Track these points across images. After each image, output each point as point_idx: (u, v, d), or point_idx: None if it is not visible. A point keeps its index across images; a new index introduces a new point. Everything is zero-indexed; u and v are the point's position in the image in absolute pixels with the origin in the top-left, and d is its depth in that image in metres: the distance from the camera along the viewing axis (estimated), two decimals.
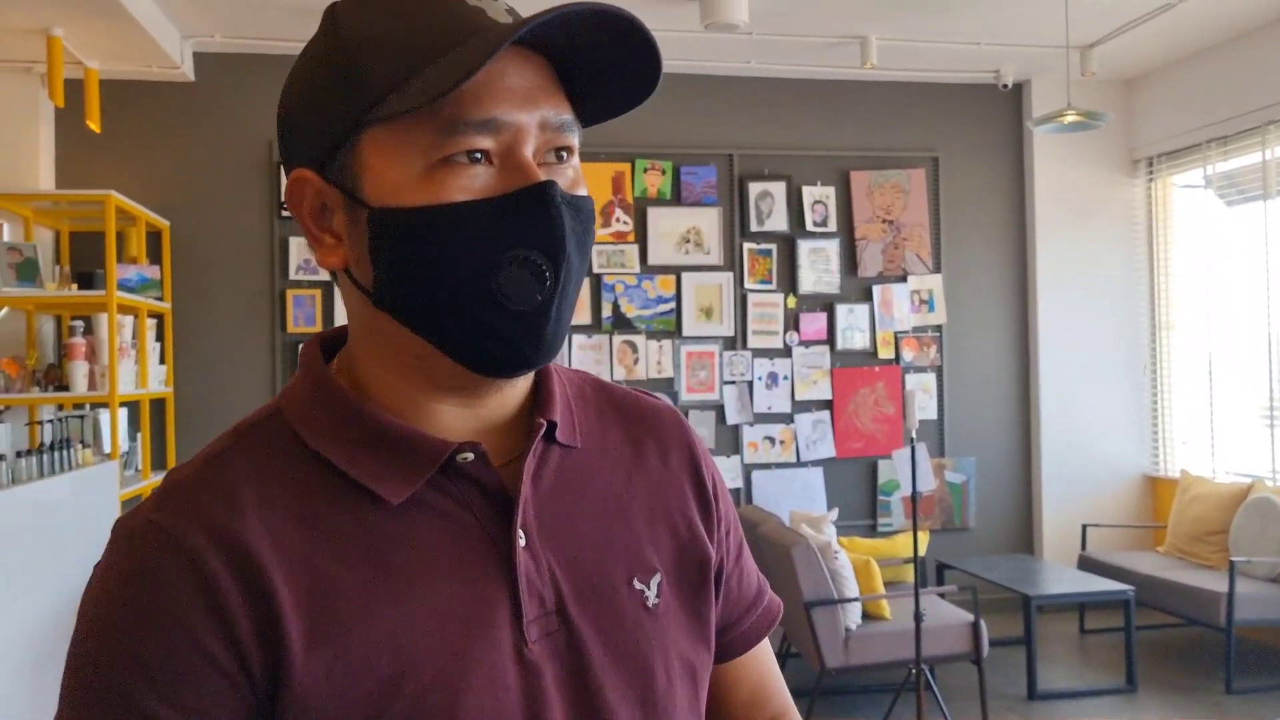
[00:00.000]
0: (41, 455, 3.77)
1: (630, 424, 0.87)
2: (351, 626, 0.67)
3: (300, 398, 0.75)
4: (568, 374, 0.86)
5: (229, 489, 0.69)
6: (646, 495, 0.83)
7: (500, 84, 0.68)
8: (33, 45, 4.53)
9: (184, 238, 5.20)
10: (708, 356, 5.68)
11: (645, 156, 5.64)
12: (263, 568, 0.66)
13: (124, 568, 0.66)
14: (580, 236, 0.71)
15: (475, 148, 0.67)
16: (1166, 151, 5.87)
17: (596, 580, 0.76)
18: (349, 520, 0.70)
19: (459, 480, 0.73)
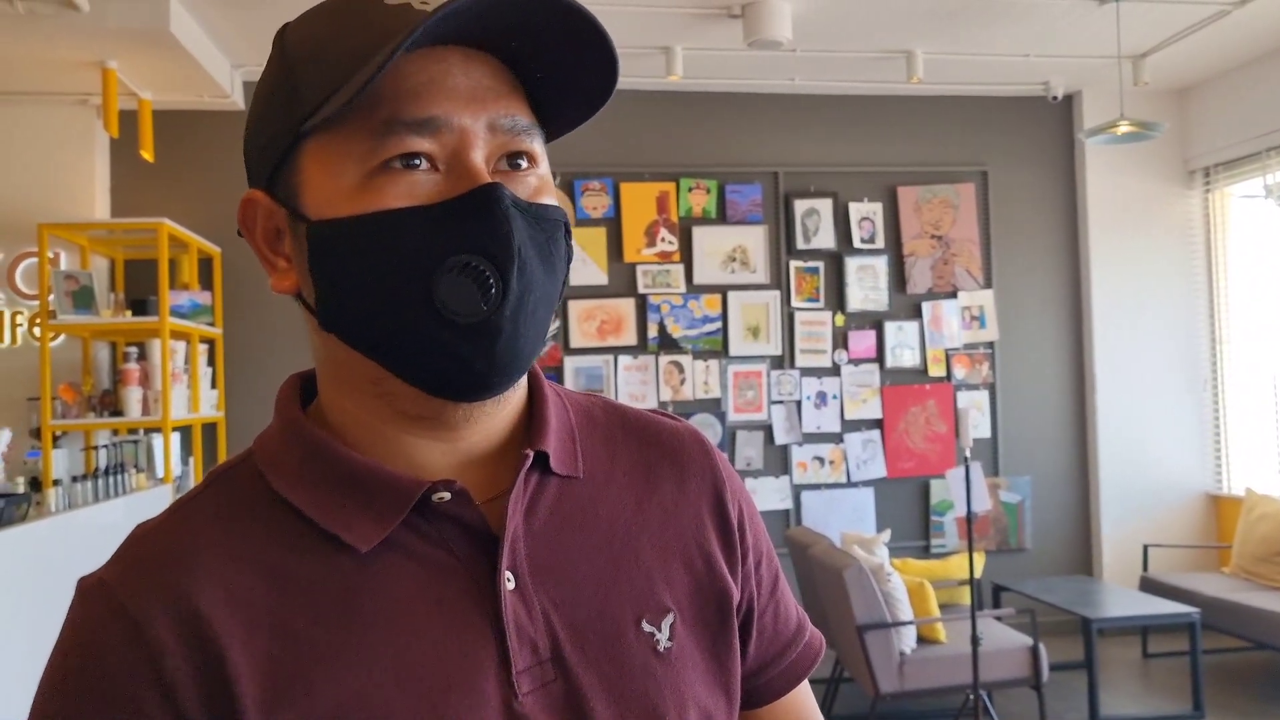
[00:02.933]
0: (97, 480, 3.82)
1: (644, 449, 0.80)
2: (317, 686, 0.61)
3: (270, 440, 0.71)
4: (575, 398, 0.81)
5: (188, 544, 0.65)
6: (659, 526, 0.76)
7: (442, 83, 0.63)
8: (88, 78, 4.63)
9: (234, 264, 5.27)
10: (755, 376, 5.63)
11: (690, 175, 5.62)
12: (215, 632, 0.61)
13: (71, 636, 0.63)
14: (542, 246, 0.66)
15: (413, 150, 0.62)
16: (1223, 161, 5.74)
17: (599, 623, 0.70)
18: (317, 570, 0.65)
19: (437, 521, 0.67)
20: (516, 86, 0.67)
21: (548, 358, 5.42)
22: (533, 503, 0.71)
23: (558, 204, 0.69)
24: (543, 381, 0.77)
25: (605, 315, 5.52)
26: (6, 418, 4.80)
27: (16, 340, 4.91)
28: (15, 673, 2.92)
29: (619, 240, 5.54)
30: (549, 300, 0.67)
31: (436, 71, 0.63)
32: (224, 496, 0.69)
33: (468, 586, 0.67)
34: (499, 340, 0.64)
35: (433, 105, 0.63)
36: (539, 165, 0.68)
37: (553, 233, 0.67)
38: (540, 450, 0.71)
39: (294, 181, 0.66)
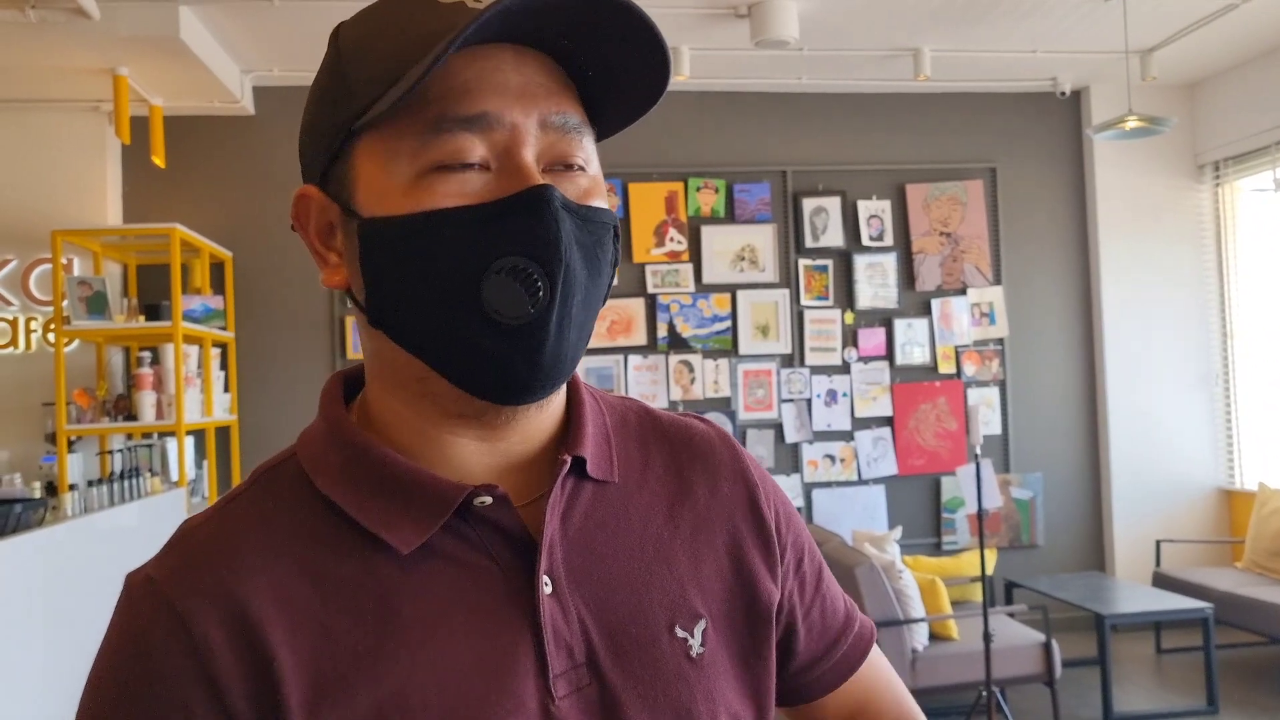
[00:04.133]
0: (111, 484, 3.85)
1: (676, 453, 0.80)
2: (357, 686, 0.62)
3: (314, 439, 0.71)
4: (611, 401, 0.81)
5: (234, 541, 0.65)
6: (691, 531, 0.76)
7: (493, 80, 0.63)
8: (100, 84, 4.67)
9: (246, 268, 5.30)
10: (765, 375, 5.64)
11: (698, 175, 5.63)
12: (261, 629, 0.62)
13: (119, 632, 0.65)
14: (590, 249, 0.66)
15: (463, 148, 0.62)
16: (1233, 155, 5.72)
17: (633, 628, 0.70)
18: (359, 571, 0.65)
19: (478, 525, 0.67)
20: (568, 85, 0.67)
21: None
22: (569, 507, 0.71)
23: (608, 206, 0.69)
24: (580, 385, 0.77)
25: (615, 315, 5.53)
26: (22, 423, 4.84)
27: (31, 346, 4.94)
28: (34, 675, 2.95)
29: (628, 240, 5.55)
30: (594, 304, 0.68)
31: (488, 68, 0.63)
32: (268, 494, 0.69)
33: (506, 590, 0.67)
34: (544, 344, 0.63)
35: (483, 101, 0.63)
36: (590, 166, 0.68)
37: (601, 236, 0.67)
38: (578, 455, 0.71)
39: (347, 178, 0.66)
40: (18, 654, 2.85)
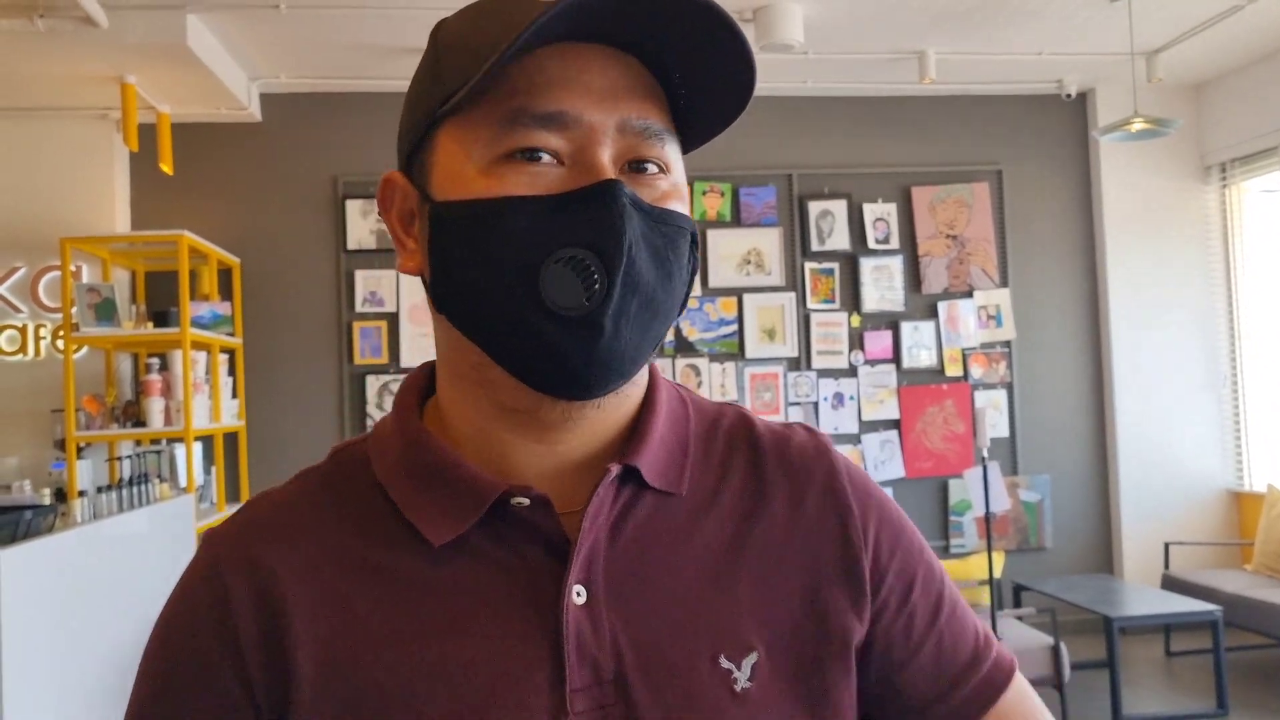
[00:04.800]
0: (121, 490, 3.86)
1: (763, 465, 0.74)
2: (369, 668, 0.64)
3: (384, 426, 0.73)
4: (705, 408, 0.78)
5: (287, 515, 0.69)
6: (761, 552, 0.70)
7: (576, 79, 0.64)
8: (107, 92, 4.69)
9: (254, 274, 5.32)
10: (771, 378, 5.64)
11: (704, 179, 5.64)
12: (284, 600, 0.65)
13: (180, 580, 0.70)
14: (659, 250, 0.65)
15: (537, 144, 0.63)
16: (1240, 156, 5.71)
17: (671, 652, 0.66)
18: (392, 558, 0.67)
19: (515, 526, 0.67)
20: (656, 91, 0.67)
21: None
22: (621, 517, 0.69)
23: (686, 214, 0.68)
24: (661, 390, 0.75)
25: None
26: (31, 430, 4.86)
27: (40, 353, 4.97)
28: (45, 681, 2.96)
29: None
30: (661, 307, 0.66)
31: (574, 68, 0.64)
32: (334, 474, 0.72)
33: (533, 596, 0.66)
34: (598, 338, 0.63)
35: (563, 100, 0.63)
36: (671, 172, 0.67)
37: (674, 239, 0.66)
38: (630, 465, 0.68)
39: (427, 164, 0.68)
40: (29, 660, 2.86)
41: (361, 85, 5.30)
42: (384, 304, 5.37)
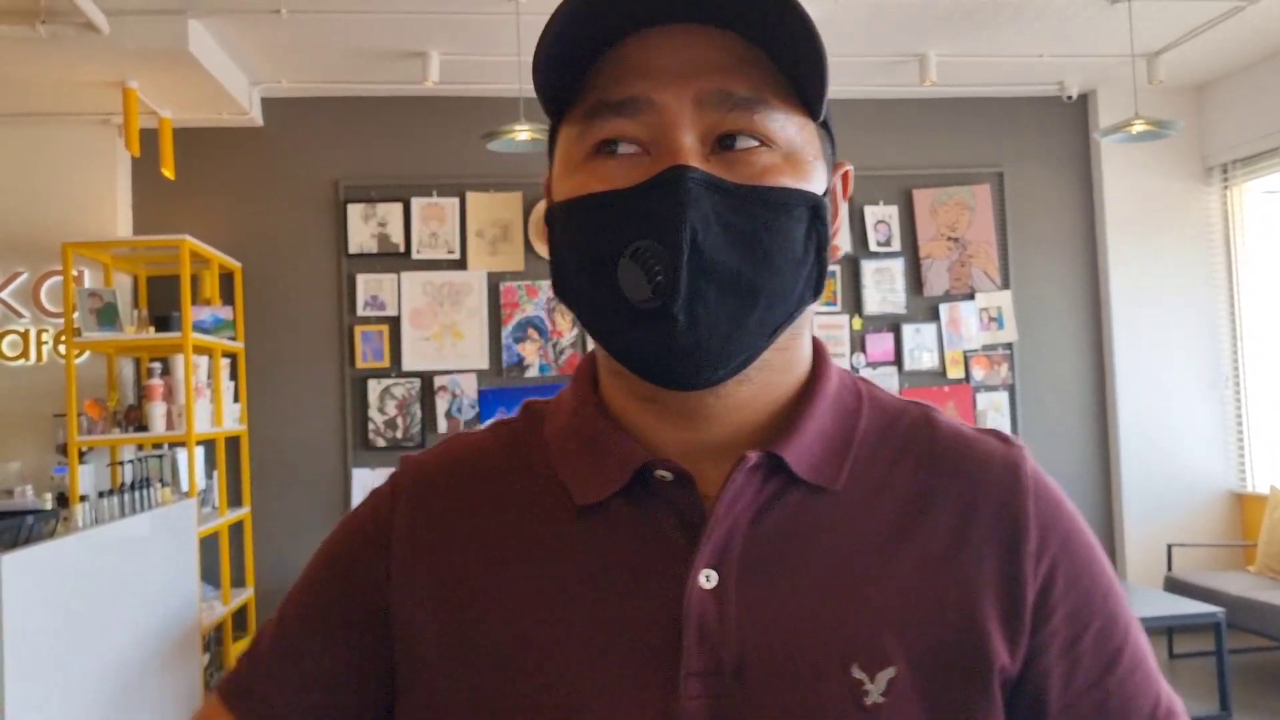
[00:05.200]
0: (122, 495, 3.86)
1: (936, 471, 0.70)
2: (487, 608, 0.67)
3: (564, 391, 0.76)
4: (885, 403, 0.74)
5: (465, 457, 0.76)
6: (914, 566, 0.66)
7: (649, 62, 0.63)
8: (109, 97, 4.70)
9: (255, 278, 5.32)
10: None
11: None
12: (430, 540, 0.71)
13: (371, 492, 0.78)
14: (744, 230, 0.62)
15: (616, 134, 0.63)
16: (1241, 157, 5.70)
17: (800, 653, 0.63)
18: (541, 513, 0.70)
19: (657, 498, 0.67)
20: (753, 61, 0.63)
21: (567, 365, 5.44)
22: (765, 507, 0.67)
23: (797, 186, 0.64)
24: (826, 381, 0.72)
25: None
26: (33, 434, 4.86)
27: (42, 358, 4.97)
28: (48, 685, 2.96)
29: None
30: (756, 290, 0.63)
31: (649, 50, 0.63)
32: (517, 428, 0.77)
33: (662, 570, 0.65)
34: (671, 329, 0.61)
35: (635, 85, 0.63)
36: (777, 144, 0.64)
37: (769, 218, 0.63)
38: (774, 454, 0.66)
39: (551, 166, 0.70)
40: (31, 665, 2.86)
41: (362, 89, 5.31)
42: (385, 308, 5.37)
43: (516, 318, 5.44)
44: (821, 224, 0.66)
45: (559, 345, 5.46)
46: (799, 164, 0.65)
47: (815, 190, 0.65)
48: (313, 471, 5.31)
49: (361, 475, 5.30)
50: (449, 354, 5.39)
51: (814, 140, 0.67)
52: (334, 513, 5.28)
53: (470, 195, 5.44)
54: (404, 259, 5.39)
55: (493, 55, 4.82)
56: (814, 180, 0.65)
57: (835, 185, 0.71)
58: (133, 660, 3.58)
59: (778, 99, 0.64)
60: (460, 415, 5.37)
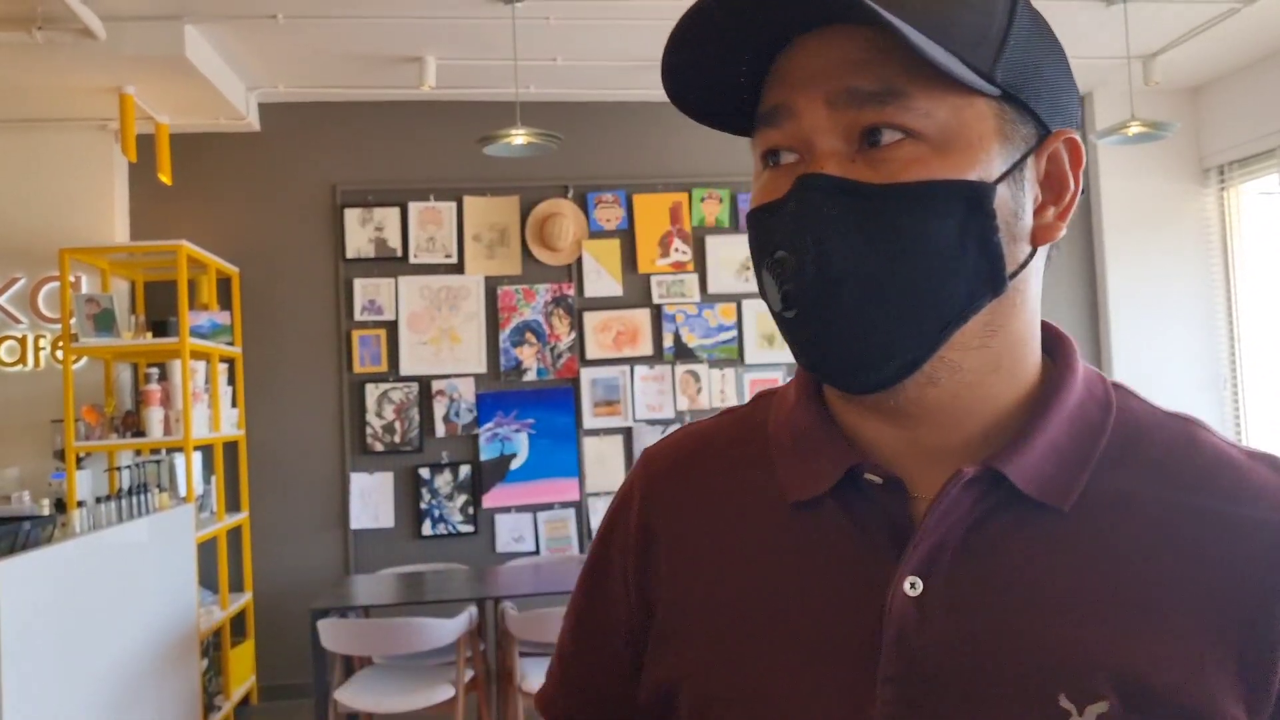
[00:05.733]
0: (120, 500, 3.86)
1: (1188, 499, 0.63)
2: (707, 592, 0.71)
3: (793, 380, 0.77)
4: (1133, 416, 0.69)
5: (692, 444, 0.80)
6: (1147, 599, 0.61)
7: (794, 68, 0.62)
8: (106, 103, 4.70)
9: (253, 283, 5.33)
10: (771, 384, 5.62)
11: (702, 185, 5.64)
12: (659, 527, 0.76)
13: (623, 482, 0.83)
14: (878, 229, 0.60)
15: (772, 144, 0.65)
16: (1238, 158, 5.71)
17: (1004, 674, 0.60)
18: (756, 505, 0.72)
19: (867, 501, 0.66)
20: (889, 53, 0.60)
21: (564, 369, 5.44)
22: (982, 521, 0.64)
23: (946, 177, 0.60)
24: (1065, 391, 0.67)
25: (621, 326, 5.54)
26: (31, 440, 4.86)
27: (40, 364, 4.97)
28: (45, 692, 2.96)
29: (633, 251, 5.56)
30: (894, 291, 0.61)
31: (795, 59, 0.63)
32: (745, 418, 0.79)
33: (867, 573, 0.65)
34: (808, 333, 0.63)
35: (777, 93, 0.64)
36: (923, 135, 0.60)
37: (908, 215, 0.60)
38: (992, 468, 0.63)
39: None
40: (29, 670, 2.86)
41: (359, 94, 5.31)
42: (383, 312, 5.37)
43: (514, 321, 5.44)
44: (982, 212, 0.61)
45: (557, 349, 5.46)
46: (953, 151, 0.61)
47: (975, 177, 0.61)
48: (311, 476, 5.31)
49: (359, 480, 5.30)
50: (446, 358, 5.39)
51: (983, 119, 0.61)
52: (332, 517, 5.28)
53: (467, 199, 5.44)
54: (401, 263, 5.40)
55: (489, 60, 4.83)
56: (977, 165, 0.61)
57: (1048, 157, 0.65)
58: (131, 666, 3.58)
59: (916, 85, 0.60)
60: (458, 419, 5.37)
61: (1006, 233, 0.62)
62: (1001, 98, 0.62)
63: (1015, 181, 0.63)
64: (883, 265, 0.60)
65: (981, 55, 0.61)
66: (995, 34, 0.61)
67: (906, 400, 0.64)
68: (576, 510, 5.43)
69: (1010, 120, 0.63)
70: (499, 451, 5.39)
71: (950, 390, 0.64)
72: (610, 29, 4.60)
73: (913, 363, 0.62)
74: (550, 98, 5.40)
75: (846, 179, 0.60)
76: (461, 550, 5.30)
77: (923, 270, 0.60)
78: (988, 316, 0.63)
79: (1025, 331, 0.67)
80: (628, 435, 5.49)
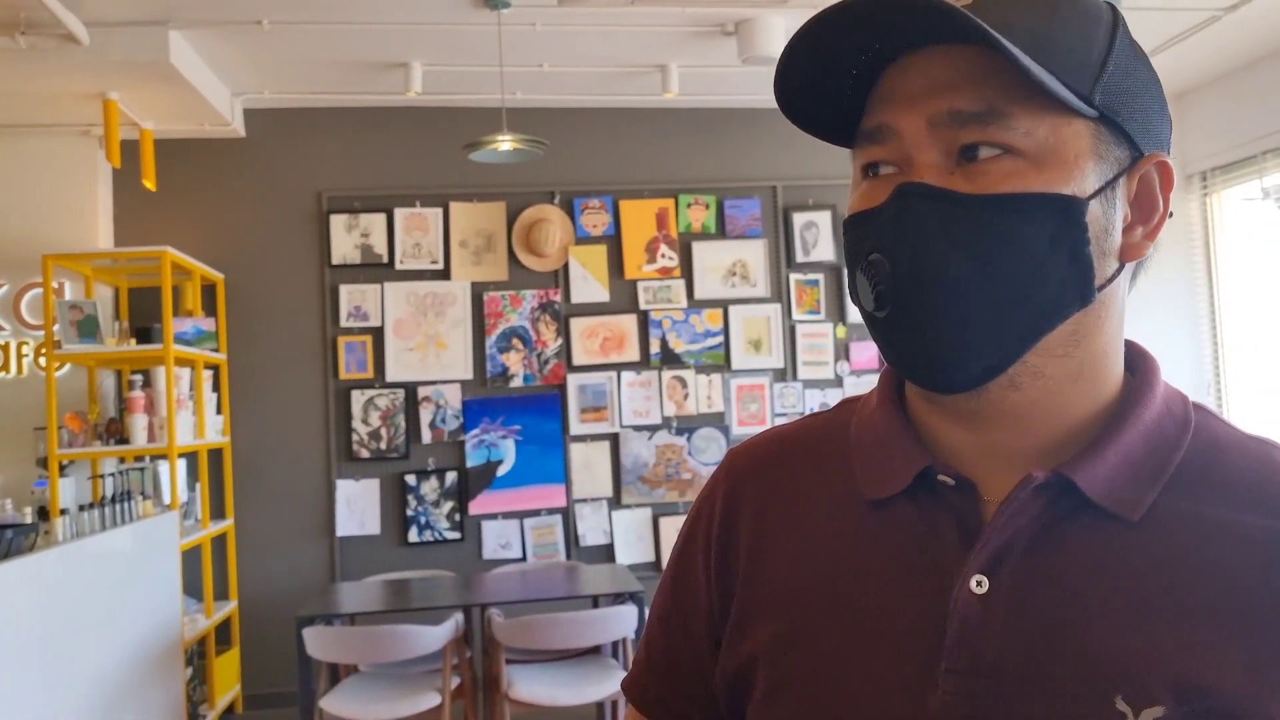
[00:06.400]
0: (104, 508, 3.84)
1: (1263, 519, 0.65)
2: (782, 584, 0.75)
3: (876, 387, 0.81)
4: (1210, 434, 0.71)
5: (774, 446, 0.83)
6: (1209, 613, 0.62)
7: (898, 88, 0.66)
8: (90, 109, 4.68)
9: (238, 289, 5.31)
10: (758, 389, 5.64)
11: (688, 191, 5.65)
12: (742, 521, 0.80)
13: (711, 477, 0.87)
14: (973, 239, 0.63)
15: (874, 159, 0.68)
16: (1220, 165, 5.75)
17: (1063, 673, 0.62)
18: (835, 503, 0.75)
19: (939, 500, 0.70)
20: (989, 71, 0.63)
21: (551, 375, 5.44)
22: (1050, 526, 0.66)
23: (1042, 191, 0.63)
24: (1144, 403, 0.70)
25: (608, 332, 5.54)
26: (14, 448, 4.83)
27: (23, 371, 4.94)
28: (30, 700, 2.93)
29: (619, 257, 5.56)
30: (985, 297, 0.63)
31: (897, 78, 0.67)
32: (830, 422, 0.82)
33: (936, 570, 0.68)
34: (900, 335, 0.66)
35: (883, 113, 0.67)
36: (1021, 152, 0.63)
37: (1002, 225, 0.63)
38: (1061, 474, 0.66)
39: None
40: (11, 680, 2.83)
41: (345, 100, 5.30)
42: (369, 318, 5.36)
43: (500, 328, 5.44)
44: (1074, 225, 0.64)
45: (543, 355, 5.46)
46: (1050, 166, 0.64)
47: (1070, 191, 0.64)
48: (296, 483, 5.28)
49: (345, 487, 5.28)
50: (433, 364, 5.38)
51: (1080, 138, 0.65)
52: (318, 525, 5.26)
53: (453, 205, 5.44)
54: (387, 269, 5.39)
55: (475, 66, 4.83)
56: (1071, 181, 0.64)
57: (1139, 179, 0.69)
58: (115, 674, 3.55)
59: (1018, 105, 0.63)
60: (444, 426, 5.36)
61: (1097, 247, 0.65)
62: (1098, 119, 0.65)
63: (1107, 199, 0.66)
64: (974, 270, 0.63)
65: (1082, 78, 0.64)
66: (1096, 58, 0.65)
67: (988, 403, 0.67)
68: (564, 516, 5.42)
69: (1105, 141, 0.66)
70: (486, 458, 5.38)
71: (1031, 396, 0.67)
72: (596, 35, 4.61)
73: (998, 365, 0.65)
74: (537, 104, 5.40)
75: (945, 189, 0.64)
76: (448, 557, 5.28)
77: (1014, 277, 0.63)
78: (1074, 326, 0.66)
79: (1109, 345, 0.69)
80: (614, 441, 5.49)
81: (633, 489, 5.47)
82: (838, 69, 0.68)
